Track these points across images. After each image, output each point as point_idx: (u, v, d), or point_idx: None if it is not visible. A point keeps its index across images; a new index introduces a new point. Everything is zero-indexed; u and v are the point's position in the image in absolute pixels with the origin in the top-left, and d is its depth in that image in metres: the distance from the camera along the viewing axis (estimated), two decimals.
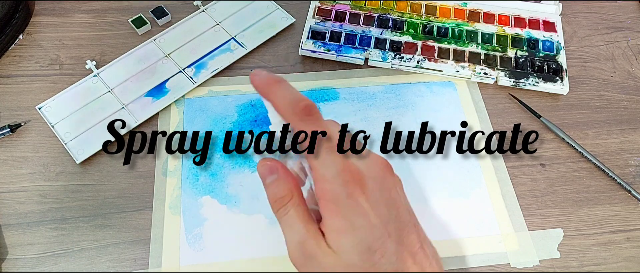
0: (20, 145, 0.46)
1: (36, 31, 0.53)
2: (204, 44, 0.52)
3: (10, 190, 0.44)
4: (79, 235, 0.42)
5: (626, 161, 0.47)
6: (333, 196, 0.28)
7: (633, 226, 0.43)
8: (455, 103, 0.50)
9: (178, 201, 0.43)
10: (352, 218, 0.27)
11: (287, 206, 0.29)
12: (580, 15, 0.57)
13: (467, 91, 0.50)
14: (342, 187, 0.27)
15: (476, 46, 0.52)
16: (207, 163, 0.45)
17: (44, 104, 0.48)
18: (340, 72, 0.51)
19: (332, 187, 0.27)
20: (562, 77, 0.50)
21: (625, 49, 0.54)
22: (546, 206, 0.44)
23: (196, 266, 0.40)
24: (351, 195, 0.27)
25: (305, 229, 0.29)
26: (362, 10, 0.54)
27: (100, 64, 0.50)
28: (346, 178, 0.27)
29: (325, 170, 0.28)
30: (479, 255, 0.41)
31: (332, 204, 0.28)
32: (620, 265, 0.41)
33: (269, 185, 0.31)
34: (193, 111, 0.48)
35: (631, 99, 0.51)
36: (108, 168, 0.45)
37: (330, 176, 0.27)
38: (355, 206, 0.27)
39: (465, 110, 0.49)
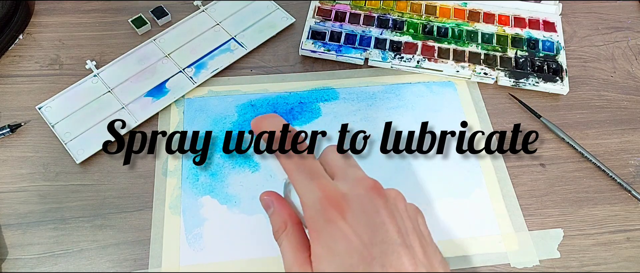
0: (20, 145, 0.46)
1: (36, 31, 0.53)
2: (204, 44, 0.52)
3: (10, 190, 0.44)
4: (79, 235, 0.42)
5: (626, 161, 0.47)
6: (313, 223, 0.28)
7: (633, 227, 0.43)
8: (455, 103, 0.50)
9: (178, 201, 0.43)
10: (332, 244, 0.27)
11: (281, 237, 0.30)
12: (580, 15, 0.57)
13: (467, 91, 0.50)
14: (320, 213, 0.27)
15: (476, 46, 0.52)
16: (207, 163, 0.45)
17: (44, 104, 0.48)
18: (340, 72, 0.51)
19: (312, 214, 0.27)
20: (562, 77, 0.50)
21: (625, 49, 0.54)
22: (546, 206, 0.44)
23: (196, 266, 0.40)
24: (330, 220, 0.27)
25: (294, 258, 0.29)
26: (362, 10, 0.54)
27: (100, 64, 0.50)
28: (325, 204, 0.27)
29: (306, 198, 0.28)
30: (479, 255, 0.41)
31: (314, 231, 0.28)
32: (620, 265, 0.41)
33: (270, 217, 0.32)
34: (193, 111, 0.48)
35: (631, 99, 0.51)
36: (108, 168, 0.45)
37: (310, 203, 0.28)
38: (335, 231, 0.27)
39: (465, 110, 0.49)
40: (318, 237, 0.27)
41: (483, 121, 0.48)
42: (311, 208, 0.28)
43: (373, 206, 0.28)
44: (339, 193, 0.28)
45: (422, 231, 0.30)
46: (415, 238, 0.28)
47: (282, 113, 0.48)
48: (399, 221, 0.28)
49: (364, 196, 0.28)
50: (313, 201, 0.27)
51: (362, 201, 0.28)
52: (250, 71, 0.51)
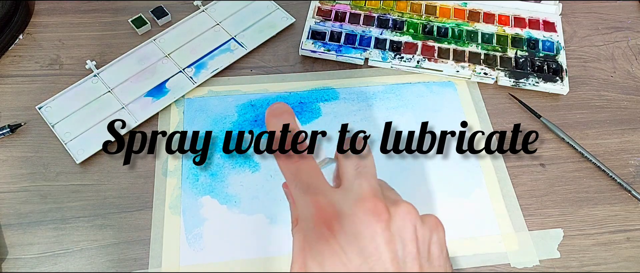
0: (20, 145, 0.46)
1: (36, 31, 0.53)
2: (204, 44, 0.52)
3: (11, 190, 0.44)
4: (79, 235, 0.42)
5: (626, 161, 0.47)
6: (306, 236, 0.27)
7: (633, 227, 0.43)
8: (455, 103, 0.50)
9: (178, 201, 0.43)
10: (322, 260, 0.26)
11: (293, 230, 0.30)
12: (580, 15, 0.57)
13: (467, 91, 0.50)
14: (312, 230, 0.27)
15: (476, 46, 0.52)
16: (207, 163, 0.45)
17: (44, 104, 0.48)
18: (340, 72, 0.51)
19: (304, 227, 0.27)
20: (562, 77, 0.50)
21: (625, 49, 0.54)
22: (546, 206, 0.44)
23: (196, 266, 0.40)
24: (322, 237, 0.26)
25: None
26: (362, 10, 0.54)
27: (100, 64, 0.50)
28: (318, 222, 0.26)
29: (300, 210, 0.28)
30: (479, 255, 0.41)
31: (306, 243, 0.27)
32: (620, 265, 0.41)
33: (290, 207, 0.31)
34: (193, 111, 0.48)
35: (631, 99, 0.51)
36: (108, 168, 0.45)
37: (303, 217, 0.27)
38: (326, 249, 0.26)
39: (465, 110, 0.49)
40: (310, 250, 0.27)
41: (483, 121, 0.48)
42: (304, 221, 0.27)
43: (368, 232, 0.26)
44: (333, 212, 0.26)
45: (432, 253, 0.28)
46: (416, 264, 0.27)
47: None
48: (397, 247, 0.26)
49: (360, 220, 0.26)
50: (306, 216, 0.27)
51: (356, 225, 0.26)
52: (250, 71, 0.51)
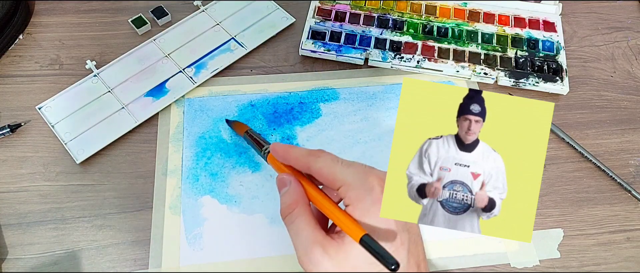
0: (20, 145, 0.46)
1: (36, 31, 0.53)
2: (204, 44, 0.52)
3: (10, 190, 0.44)
4: (79, 235, 0.42)
5: (626, 161, 0.47)
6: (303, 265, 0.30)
7: (633, 227, 0.43)
8: None
9: (178, 201, 0.43)
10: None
11: (293, 214, 0.31)
12: (580, 15, 0.57)
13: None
14: (308, 259, 0.29)
15: (476, 46, 0.52)
16: (207, 163, 0.45)
17: (44, 104, 0.48)
18: (340, 72, 0.51)
19: (302, 255, 0.30)
20: (562, 77, 0.50)
21: (625, 49, 0.54)
22: (546, 206, 0.44)
23: (196, 266, 0.40)
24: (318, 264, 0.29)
25: (313, 234, 0.30)
26: (362, 10, 0.54)
27: (100, 64, 0.50)
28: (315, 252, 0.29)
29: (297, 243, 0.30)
30: (479, 255, 0.41)
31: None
32: (620, 265, 0.41)
33: (281, 196, 0.32)
34: (193, 111, 0.48)
35: (631, 99, 0.51)
36: (108, 168, 0.45)
37: (301, 249, 0.30)
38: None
39: None
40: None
41: None
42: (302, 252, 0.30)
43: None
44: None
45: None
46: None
47: (282, 113, 0.48)
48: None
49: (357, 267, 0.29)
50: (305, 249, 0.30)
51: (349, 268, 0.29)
52: (250, 71, 0.51)
